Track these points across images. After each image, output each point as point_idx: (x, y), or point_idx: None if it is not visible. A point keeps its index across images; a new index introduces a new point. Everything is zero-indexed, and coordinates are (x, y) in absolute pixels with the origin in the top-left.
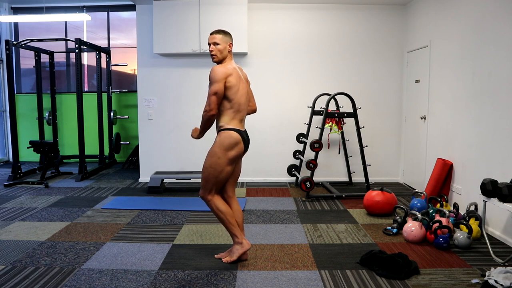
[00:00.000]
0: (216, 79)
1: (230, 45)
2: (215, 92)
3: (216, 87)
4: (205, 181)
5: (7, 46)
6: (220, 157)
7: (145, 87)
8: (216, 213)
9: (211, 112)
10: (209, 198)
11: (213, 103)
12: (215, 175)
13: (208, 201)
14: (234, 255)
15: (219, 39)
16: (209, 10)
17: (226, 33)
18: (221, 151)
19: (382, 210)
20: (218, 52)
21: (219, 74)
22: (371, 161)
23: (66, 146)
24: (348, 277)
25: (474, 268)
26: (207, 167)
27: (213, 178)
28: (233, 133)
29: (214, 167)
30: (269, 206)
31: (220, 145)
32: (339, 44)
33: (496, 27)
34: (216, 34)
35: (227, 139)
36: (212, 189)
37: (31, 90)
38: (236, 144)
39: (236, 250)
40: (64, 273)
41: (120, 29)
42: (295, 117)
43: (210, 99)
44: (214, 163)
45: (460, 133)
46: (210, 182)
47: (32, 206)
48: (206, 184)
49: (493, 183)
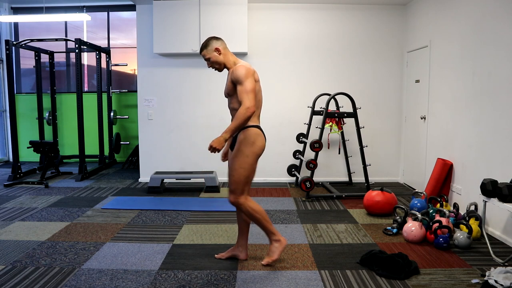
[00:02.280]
0: (247, 75)
1: (217, 49)
2: (252, 88)
3: (251, 83)
4: (236, 183)
5: (7, 46)
6: (248, 155)
7: (145, 87)
8: (252, 215)
9: (252, 108)
10: (242, 201)
11: (253, 100)
12: (246, 175)
13: (241, 204)
14: (275, 254)
15: (206, 53)
16: (209, 10)
17: (207, 43)
18: (248, 149)
19: (382, 210)
20: (214, 63)
21: (247, 70)
22: (371, 161)
23: (66, 146)
24: (348, 277)
25: (474, 268)
26: (237, 169)
27: (244, 179)
28: (256, 130)
29: (244, 167)
30: (269, 206)
31: (246, 143)
32: (339, 44)
33: (496, 27)
34: (201, 51)
35: (252, 137)
36: (244, 190)
37: (31, 90)
38: (260, 140)
39: (276, 249)
40: (64, 273)
41: (120, 29)
42: (295, 117)
43: (249, 96)
44: (243, 163)
45: (460, 133)
46: (242, 183)
47: (32, 206)
48: (238, 187)
49: (493, 183)
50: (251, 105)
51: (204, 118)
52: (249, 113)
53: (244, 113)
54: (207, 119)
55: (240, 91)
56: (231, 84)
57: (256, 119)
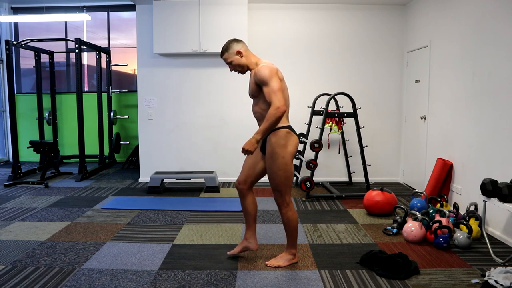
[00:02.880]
0: (271, 75)
1: (238, 52)
2: (279, 88)
3: (277, 83)
4: (280, 185)
5: (7, 46)
6: (284, 157)
7: (145, 87)
8: (290, 222)
9: (283, 108)
10: (287, 204)
11: (283, 99)
12: (287, 176)
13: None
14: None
15: (228, 57)
16: (209, 10)
17: (228, 47)
18: (283, 150)
19: (382, 210)
20: (236, 66)
21: (270, 70)
22: (371, 161)
23: (66, 146)
24: (348, 277)
25: (474, 268)
26: (276, 171)
27: (285, 180)
28: (286, 130)
29: (284, 168)
30: (269, 206)
31: (279, 145)
32: (339, 44)
33: (496, 27)
34: (222, 55)
35: (283, 138)
36: (289, 192)
37: (31, 90)
38: (293, 140)
39: (287, 260)
40: (64, 273)
41: (120, 29)
42: (295, 117)
43: (277, 96)
44: (281, 164)
45: (460, 133)
46: (284, 184)
47: (32, 206)
48: (282, 188)
49: (493, 183)
50: (281, 105)
51: (204, 118)
52: (279, 113)
53: (274, 113)
54: (207, 119)
55: (267, 92)
56: (255, 86)
57: (285, 119)
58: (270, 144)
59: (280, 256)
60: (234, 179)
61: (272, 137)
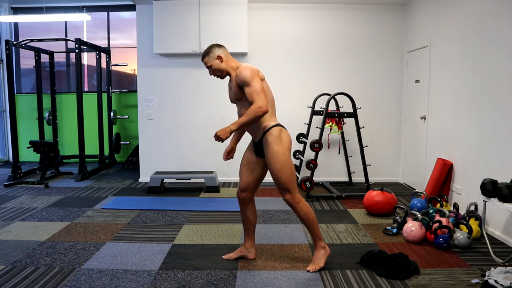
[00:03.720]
0: (252, 76)
1: (218, 57)
2: (261, 88)
3: (259, 83)
4: (287, 183)
5: (7, 46)
6: (284, 153)
7: (145, 87)
8: (308, 215)
9: (265, 108)
10: (298, 199)
11: (265, 100)
12: (291, 171)
13: (298, 203)
14: (321, 262)
15: (208, 61)
16: (209, 10)
17: (209, 51)
18: (281, 146)
19: (382, 210)
20: (216, 71)
21: (251, 71)
22: (371, 161)
23: (66, 146)
24: (348, 277)
25: (474, 268)
26: (280, 169)
27: (290, 176)
28: (280, 128)
29: (287, 165)
30: (269, 206)
31: (277, 143)
32: (339, 44)
33: (496, 27)
34: (203, 59)
35: (279, 136)
36: (296, 187)
37: (31, 90)
38: (286, 135)
39: (323, 256)
40: (64, 273)
41: (120, 29)
42: (295, 117)
43: (260, 96)
44: (284, 161)
45: (460, 133)
46: (290, 180)
47: (32, 206)
48: (290, 185)
49: (493, 183)
50: (263, 105)
51: (204, 118)
52: (260, 113)
53: (256, 111)
54: (207, 119)
55: (249, 92)
56: (238, 88)
57: (274, 118)
58: (268, 144)
59: (315, 257)
60: (234, 179)
61: (268, 137)
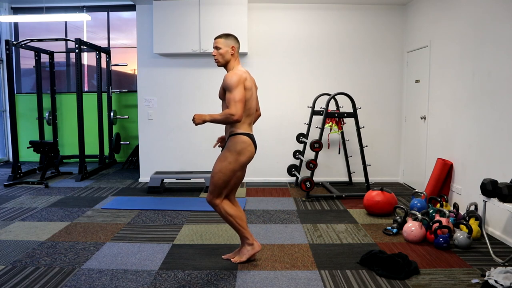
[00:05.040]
0: (236, 84)
1: (233, 48)
2: (241, 98)
3: (239, 93)
4: (214, 185)
5: (7, 46)
6: (231, 162)
7: (145, 87)
8: (226, 217)
9: (237, 117)
10: (217, 203)
11: (241, 110)
12: (225, 180)
13: (216, 205)
14: (244, 256)
15: (221, 43)
16: (209, 10)
17: (228, 36)
18: (233, 156)
19: (382, 210)
20: (219, 56)
21: (238, 78)
22: (371, 161)
23: (66, 146)
24: (348, 277)
25: (474, 268)
26: (216, 172)
27: (222, 183)
28: (244, 138)
29: (224, 172)
30: (269, 206)
31: (233, 150)
32: (339, 44)
33: (496, 27)
34: (218, 38)
35: (239, 144)
36: (220, 193)
37: (31, 90)
38: (248, 149)
39: (247, 252)
40: (64, 273)
41: (120, 29)
42: (295, 117)
43: (237, 105)
44: (224, 168)
45: (460, 133)
46: (219, 187)
47: (32, 206)
48: (215, 189)
49: (493, 183)
50: (236, 114)
51: None
52: (231, 119)
53: (227, 116)
54: None
55: (228, 98)
56: (222, 90)
57: (247, 127)
58: (225, 147)
59: (240, 252)
60: None
61: (229, 141)
